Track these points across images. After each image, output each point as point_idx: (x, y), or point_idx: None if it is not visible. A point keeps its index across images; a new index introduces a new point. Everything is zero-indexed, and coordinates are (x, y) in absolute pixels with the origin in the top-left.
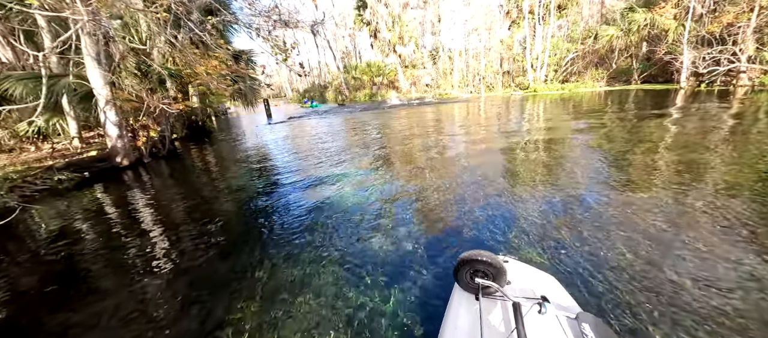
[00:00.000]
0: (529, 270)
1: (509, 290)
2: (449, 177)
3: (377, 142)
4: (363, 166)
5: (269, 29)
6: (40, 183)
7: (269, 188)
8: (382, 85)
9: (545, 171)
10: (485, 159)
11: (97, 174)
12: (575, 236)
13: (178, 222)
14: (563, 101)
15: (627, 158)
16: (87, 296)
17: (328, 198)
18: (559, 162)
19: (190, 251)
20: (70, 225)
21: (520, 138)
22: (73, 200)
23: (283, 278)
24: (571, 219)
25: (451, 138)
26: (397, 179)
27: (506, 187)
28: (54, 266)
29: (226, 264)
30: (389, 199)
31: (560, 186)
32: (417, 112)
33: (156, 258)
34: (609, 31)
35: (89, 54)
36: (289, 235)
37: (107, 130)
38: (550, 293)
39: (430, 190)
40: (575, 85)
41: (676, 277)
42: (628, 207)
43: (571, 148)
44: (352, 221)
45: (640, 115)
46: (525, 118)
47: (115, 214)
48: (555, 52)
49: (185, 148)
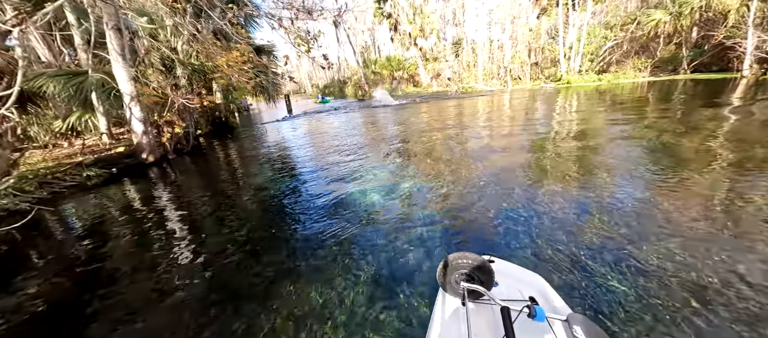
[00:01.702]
0: (517, 271)
1: (496, 293)
2: (477, 188)
3: (396, 138)
4: (383, 169)
5: (291, 18)
6: (70, 179)
7: (291, 186)
8: (402, 79)
9: (589, 174)
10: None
11: (124, 170)
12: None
13: (201, 221)
14: (602, 93)
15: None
16: (108, 297)
17: (351, 199)
18: (612, 168)
19: (214, 253)
20: (96, 224)
21: (565, 147)
22: (100, 196)
23: (309, 292)
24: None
25: (477, 140)
26: (420, 180)
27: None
28: (81, 265)
29: (251, 269)
30: (415, 202)
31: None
32: (431, 109)
33: (178, 259)
34: (655, 16)
35: (114, 49)
36: (314, 240)
37: (133, 127)
38: (539, 294)
39: (460, 198)
40: (614, 76)
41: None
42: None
43: (633, 159)
44: (378, 228)
45: (700, 108)
46: (559, 114)
47: (139, 213)
48: (591, 41)
49: (209, 143)
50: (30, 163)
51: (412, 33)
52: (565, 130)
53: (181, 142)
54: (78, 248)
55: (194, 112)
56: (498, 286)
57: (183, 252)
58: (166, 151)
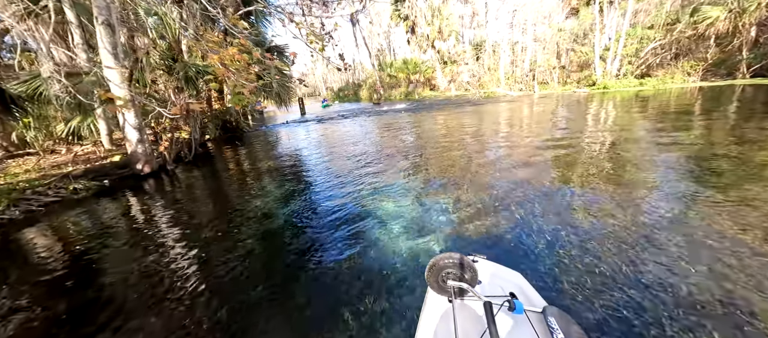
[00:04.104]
0: (499, 269)
1: (480, 290)
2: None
3: (413, 148)
4: (399, 179)
5: (303, 10)
6: (52, 193)
7: (299, 207)
8: (418, 82)
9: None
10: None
11: (117, 182)
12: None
13: (189, 248)
14: (645, 100)
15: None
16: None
17: (367, 216)
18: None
19: (195, 295)
20: (59, 254)
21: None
22: (80, 216)
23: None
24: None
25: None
26: (436, 191)
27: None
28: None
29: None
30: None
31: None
32: (438, 118)
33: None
34: (711, 13)
35: (104, 47)
36: (327, 279)
37: (126, 134)
38: (518, 289)
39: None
40: (659, 81)
41: None
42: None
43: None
44: (396, 256)
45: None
46: (615, 129)
47: (115, 239)
48: (630, 42)
49: (218, 149)
50: (12, 174)
51: (429, 35)
52: (634, 155)
53: (183, 150)
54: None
55: (198, 116)
56: (481, 284)
57: (159, 297)
58: (164, 161)
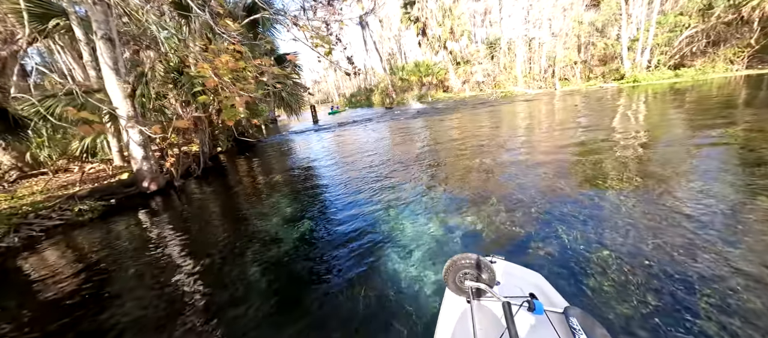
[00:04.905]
0: (518, 270)
1: (499, 290)
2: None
3: (427, 156)
4: (415, 193)
5: (303, 10)
6: (57, 216)
7: (311, 220)
8: (431, 85)
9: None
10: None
11: (124, 200)
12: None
13: (188, 275)
14: (682, 94)
15: None
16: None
17: (383, 240)
18: None
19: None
20: (48, 284)
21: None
22: (83, 239)
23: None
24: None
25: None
26: (454, 210)
27: None
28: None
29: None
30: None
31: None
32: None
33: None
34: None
35: (105, 62)
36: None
37: (131, 151)
38: (538, 290)
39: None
40: (698, 71)
41: None
42: None
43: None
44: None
45: None
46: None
47: (114, 266)
48: (662, 31)
49: (231, 161)
50: (18, 196)
51: (441, 36)
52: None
53: (191, 165)
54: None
55: (207, 129)
56: (500, 285)
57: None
58: (172, 178)
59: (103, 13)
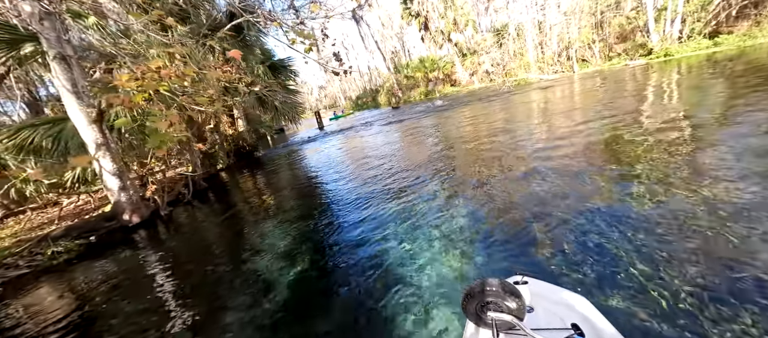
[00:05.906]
0: (554, 292)
1: (533, 320)
2: None
3: (439, 162)
4: (428, 209)
5: (295, 7)
6: (25, 263)
7: (316, 251)
8: (437, 80)
9: None
10: None
11: (106, 237)
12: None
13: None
14: (724, 64)
15: None
16: None
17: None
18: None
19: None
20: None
21: None
22: (44, 290)
23: None
24: None
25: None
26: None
27: None
28: None
29: None
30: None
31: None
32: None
33: None
34: None
35: (63, 85)
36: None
37: (105, 182)
38: (583, 319)
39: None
40: (743, 35)
41: None
42: None
43: None
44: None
45: None
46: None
47: (82, 318)
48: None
49: (232, 177)
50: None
51: (445, 28)
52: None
53: (180, 190)
54: None
55: (194, 149)
56: (534, 312)
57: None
58: (157, 206)
59: (53, 30)
